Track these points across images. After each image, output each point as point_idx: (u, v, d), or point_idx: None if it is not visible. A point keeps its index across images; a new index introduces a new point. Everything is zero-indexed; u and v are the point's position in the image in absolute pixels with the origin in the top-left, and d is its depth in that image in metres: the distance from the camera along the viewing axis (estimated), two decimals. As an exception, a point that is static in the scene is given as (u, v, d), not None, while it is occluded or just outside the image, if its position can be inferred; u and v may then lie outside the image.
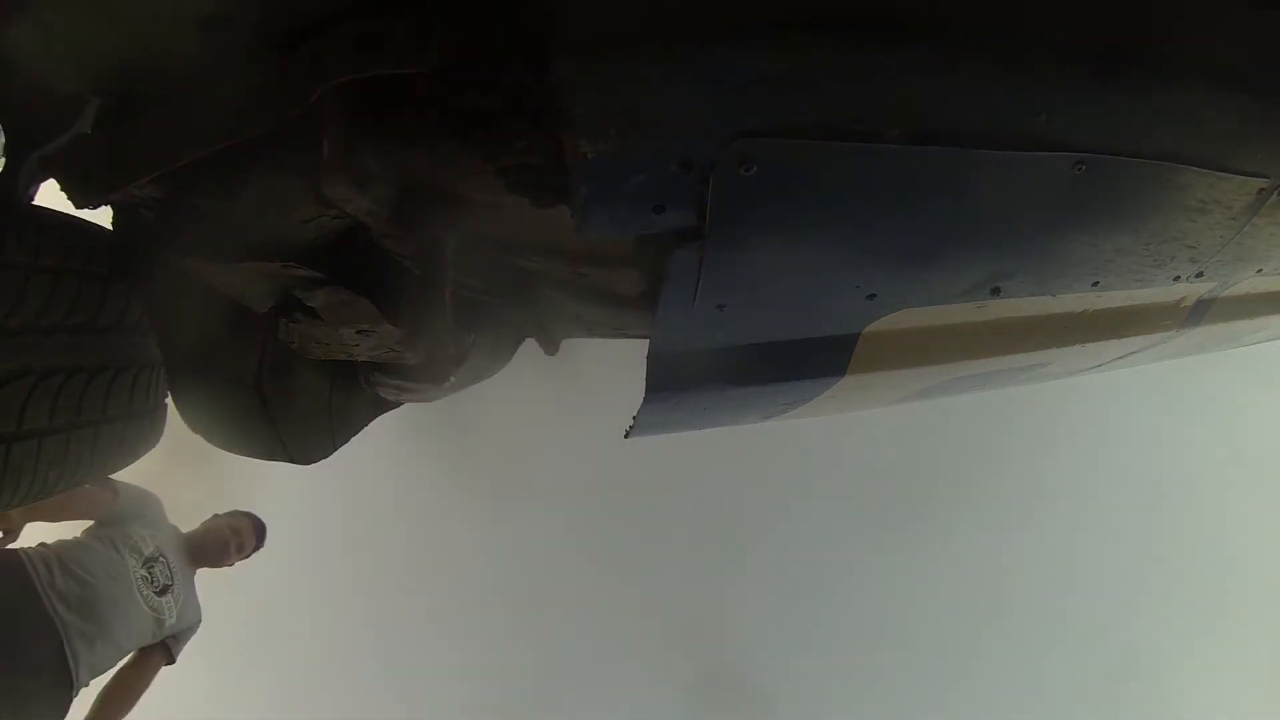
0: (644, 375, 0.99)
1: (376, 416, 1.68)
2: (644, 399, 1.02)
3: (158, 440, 1.62)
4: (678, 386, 1.05)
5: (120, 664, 2.07)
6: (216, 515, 2.45)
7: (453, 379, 1.60)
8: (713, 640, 4.70)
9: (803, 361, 1.07)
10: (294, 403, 1.42)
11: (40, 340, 1.18)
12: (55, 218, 1.22)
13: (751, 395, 1.20)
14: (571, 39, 0.69)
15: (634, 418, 1.10)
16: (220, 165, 0.96)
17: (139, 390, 1.43)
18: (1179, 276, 1.05)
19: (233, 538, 2.35)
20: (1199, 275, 1.07)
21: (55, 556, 1.91)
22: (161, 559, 2.08)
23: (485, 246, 1.20)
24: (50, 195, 1.19)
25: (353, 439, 1.63)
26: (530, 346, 1.86)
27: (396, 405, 1.71)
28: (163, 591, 2.05)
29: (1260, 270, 1.13)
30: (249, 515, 2.48)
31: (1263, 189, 0.89)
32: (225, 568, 2.41)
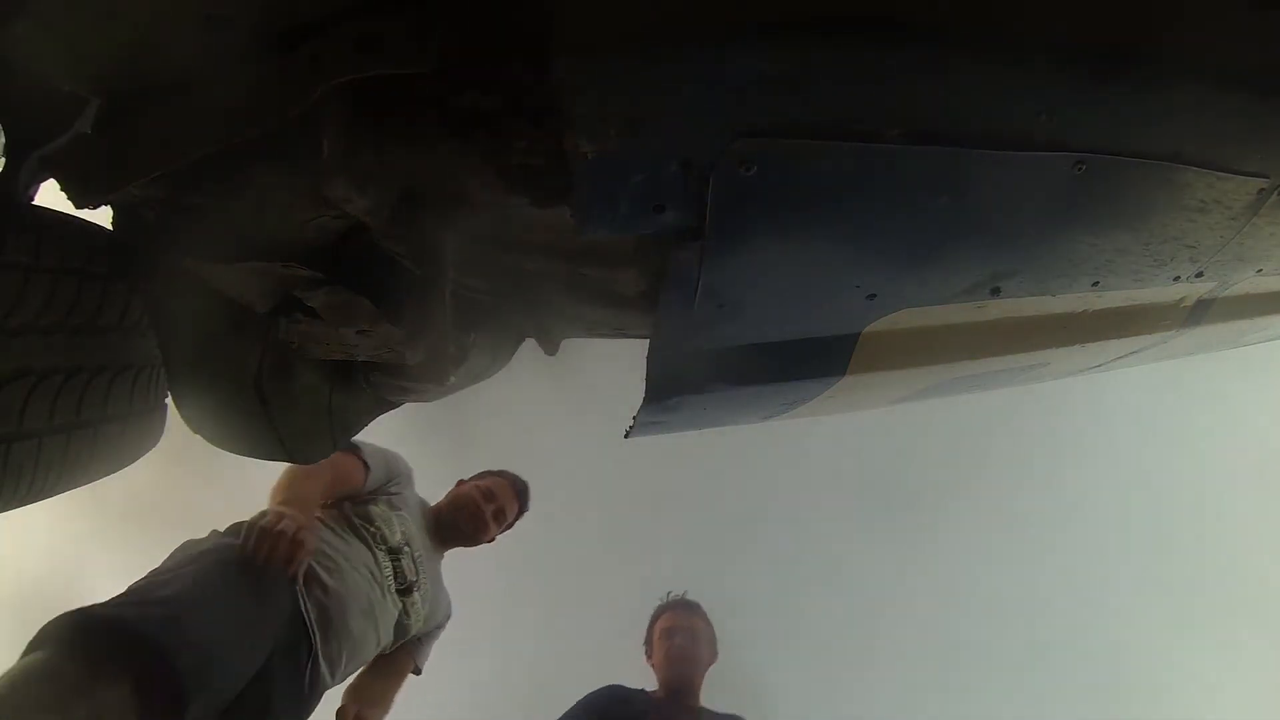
0: (644, 375, 0.99)
1: (376, 416, 1.68)
2: (644, 399, 1.02)
3: (158, 440, 1.62)
4: (678, 387, 1.06)
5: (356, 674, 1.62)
6: (462, 481, 1.96)
7: (453, 379, 1.60)
8: (713, 640, 4.69)
9: (803, 361, 1.07)
10: (294, 403, 1.42)
11: (40, 340, 1.18)
12: (55, 218, 1.23)
13: (751, 395, 1.20)
14: (571, 39, 0.69)
15: (634, 418, 1.11)
16: (220, 165, 0.96)
17: (139, 390, 1.43)
18: (1179, 276, 1.05)
19: (487, 505, 1.85)
20: (1199, 275, 1.07)
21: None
22: (408, 548, 1.61)
23: (485, 246, 1.20)
24: (50, 195, 1.19)
25: (353, 439, 1.62)
26: (530, 346, 1.86)
27: (396, 405, 1.71)
28: (407, 590, 1.58)
29: (1260, 270, 1.13)
30: (502, 474, 1.97)
31: (1263, 189, 0.89)
32: (486, 544, 1.90)
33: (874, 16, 0.69)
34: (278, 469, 1.66)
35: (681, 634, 2.09)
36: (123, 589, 1.36)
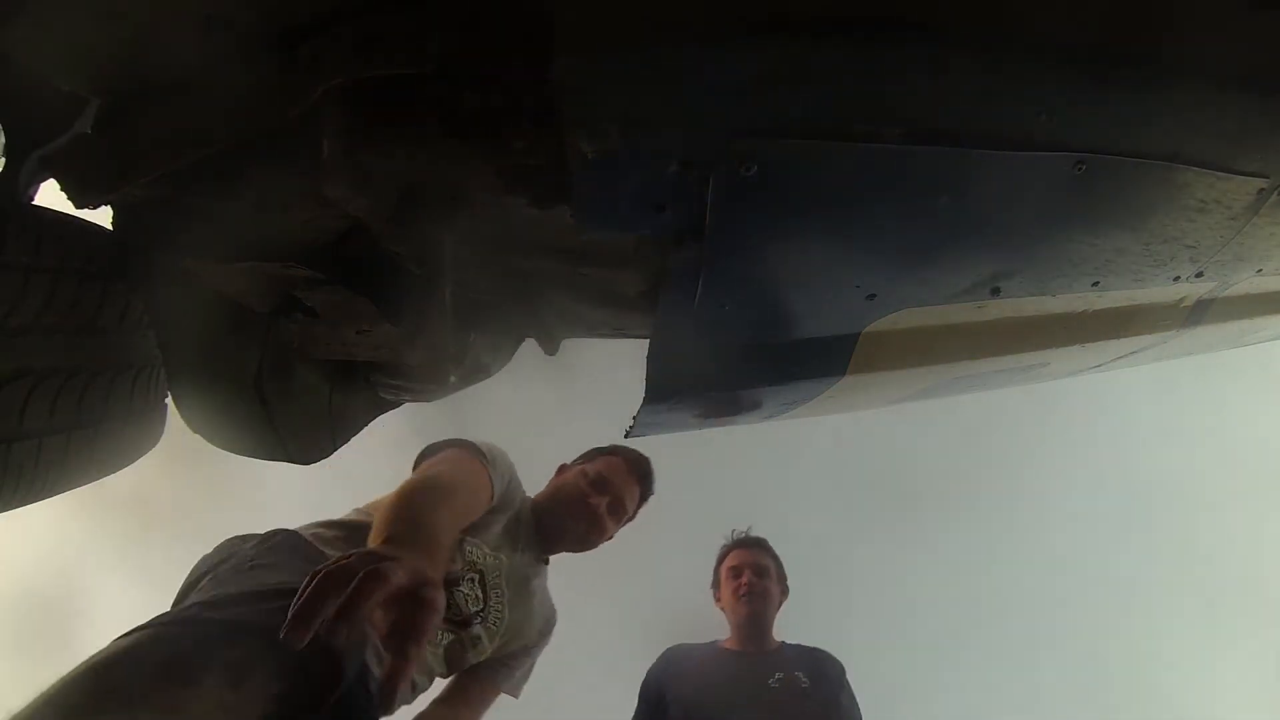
0: (644, 375, 0.99)
1: (376, 416, 1.68)
2: (644, 399, 1.02)
3: (158, 440, 1.62)
4: (678, 387, 1.05)
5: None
6: (564, 466, 1.58)
7: (453, 379, 1.59)
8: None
9: (803, 361, 1.07)
10: (294, 403, 1.42)
11: (40, 340, 1.18)
12: (55, 218, 1.23)
13: (751, 395, 1.20)
14: (571, 39, 0.69)
15: (634, 418, 1.10)
16: (220, 165, 0.96)
17: (139, 390, 1.43)
18: (1179, 276, 1.05)
19: (599, 497, 1.46)
20: (1199, 275, 1.07)
21: None
22: (472, 576, 1.31)
23: (485, 246, 1.20)
24: (50, 195, 1.19)
25: (353, 439, 1.63)
26: (530, 346, 1.86)
27: (396, 405, 1.71)
28: (463, 623, 1.31)
29: (1260, 270, 1.13)
30: (614, 451, 1.55)
31: (1263, 189, 0.89)
32: (607, 541, 1.49)
33: (873, 16, 0.69)
34: (278, 469, 1.65)
35: (750, 570, 2.02)
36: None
